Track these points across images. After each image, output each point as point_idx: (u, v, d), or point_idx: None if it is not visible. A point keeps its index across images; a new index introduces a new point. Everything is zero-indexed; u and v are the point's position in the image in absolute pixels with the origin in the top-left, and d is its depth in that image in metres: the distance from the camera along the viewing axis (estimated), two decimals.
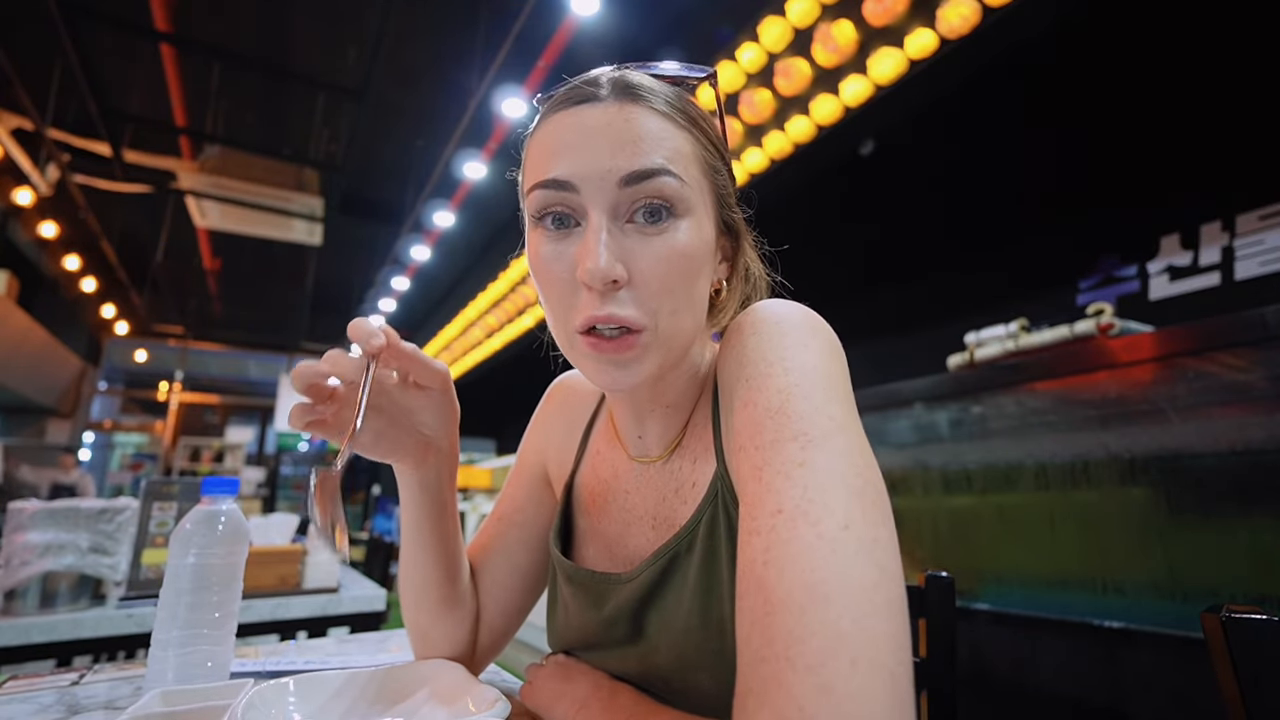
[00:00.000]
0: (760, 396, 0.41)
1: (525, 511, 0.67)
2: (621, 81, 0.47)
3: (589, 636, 0.55)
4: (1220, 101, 1.97)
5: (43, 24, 3.35)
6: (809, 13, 2.43)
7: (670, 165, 0.44)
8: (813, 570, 0.32)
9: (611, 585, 0.53)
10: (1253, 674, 0.44)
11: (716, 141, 0.51)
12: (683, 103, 0.49)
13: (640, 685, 0.51)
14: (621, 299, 0.44)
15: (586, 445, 0.65)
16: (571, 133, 0.45)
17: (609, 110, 0.45)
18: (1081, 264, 2.27)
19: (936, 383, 1.61)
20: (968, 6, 1.95)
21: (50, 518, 1.19)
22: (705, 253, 0.47)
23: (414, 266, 6.20)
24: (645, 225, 0.45)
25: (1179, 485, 1.18)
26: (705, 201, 0.48)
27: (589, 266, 0.42)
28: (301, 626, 1.46)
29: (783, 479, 0.36)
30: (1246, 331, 1.08)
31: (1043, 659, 1.29)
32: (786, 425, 0.38)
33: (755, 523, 0.36)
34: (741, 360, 0.44)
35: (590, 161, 0.44)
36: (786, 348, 0.42)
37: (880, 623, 0.30)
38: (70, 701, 0.59)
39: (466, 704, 0.48)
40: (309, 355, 10.47)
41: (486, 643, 0.64)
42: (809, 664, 0.29)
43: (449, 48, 4.13)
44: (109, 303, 8.07)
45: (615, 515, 0.58)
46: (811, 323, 0.45)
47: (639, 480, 0.57)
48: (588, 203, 0.44)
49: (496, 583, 0.65)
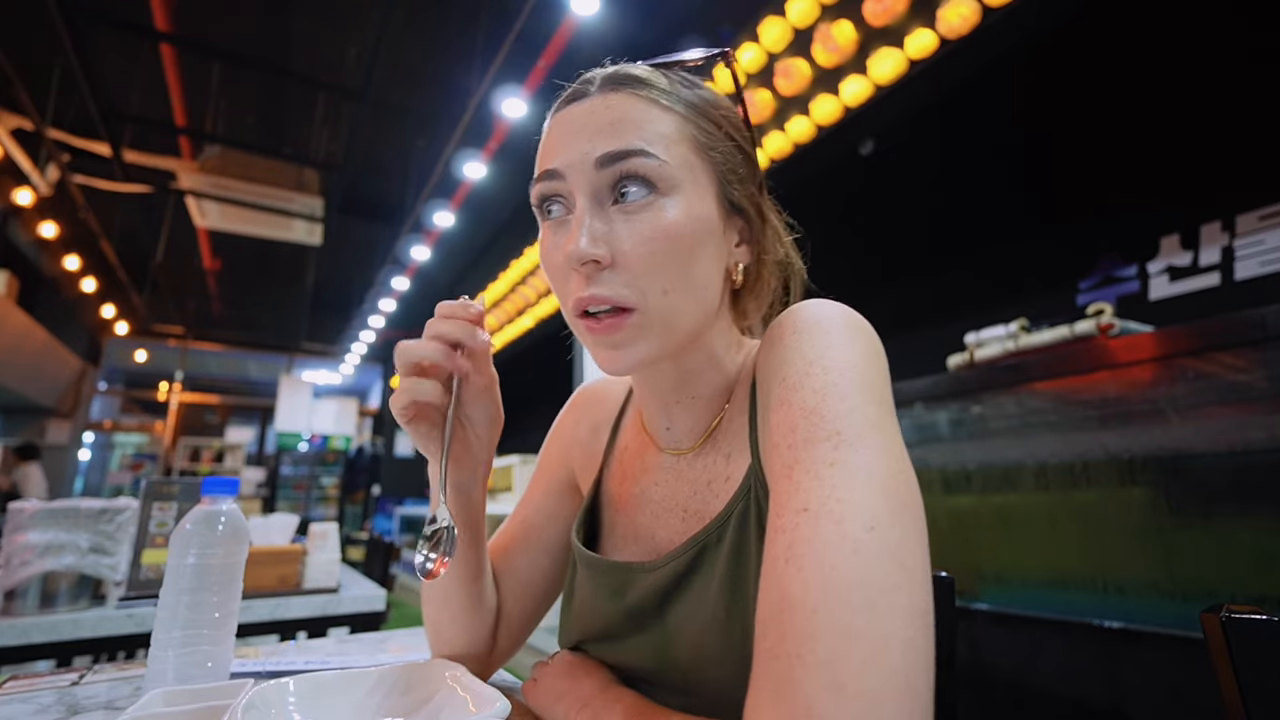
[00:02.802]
0: (796, 395, 0.41)
1: (547, 514, 0.67)
2: (610, 75, 0.49)
3: (609, 627, 0.54)
4: (1220, 102, 1.98)
5: (43, 24, 3.35)
6: (809, 13, 2.43)
7: (647, 146, 0.45)
8: (832, 568, 0.31)
9: (636, 574, 0.52)
10: (1253, 674, 0.44)
11: (721, 120, 0.50)
12: (676, 87, 0.49)
13: (656, 678, 0.51)
14: (606, 279, 0.45)
15: (614, 442, 0.64)
16: (561, 127, 0.48)
17: (594, 102, 0.47)
18: (1081, 264, 2.27)
19: (936, 383, 1.61)
20: (968, 6, 1.95)
21: (50, 518, 1.19)
22: (699, 231, 0.46)
23: (414, 266, 6.20)
24: (626, 204, 0.46)
25: (1179, 485, 1.18)
26: (698, 180, 0.47)
27: (568, 249, 0.44)
28: (301, 626, 1.46)
29: (812, 478, 0.36)
30: (1246, 331, 1.08)
31: (1043, 659, 1.29)
32: (820, 425, 0.38)
33: (781, 520, 0.36)
34: (781, 359, 0.44)
35: (573, 149, 0.46)
36: (826, 347, 0.42)
37: (898, 626, 0.30)
38: (70, 701, 0.59)
39: (466, 704, 0.48)
40: (309, 355, 10.38)
41: (505, 644, 0.64)
42: (820, 661, 0.29)
43: (449, 48, 4.13)
44: (109, 303, 8.06)
45: (645, 506, 0.57)
46: (853, 323, 0.44)
47: (669, 472, 0.56)
48: (574, 188, 0.46)
49: (519, 583, 0.65)
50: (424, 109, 4.72)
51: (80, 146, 4.75)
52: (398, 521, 7.67)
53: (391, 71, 4.15)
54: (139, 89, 4.46)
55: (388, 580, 1.87)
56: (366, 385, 12.96)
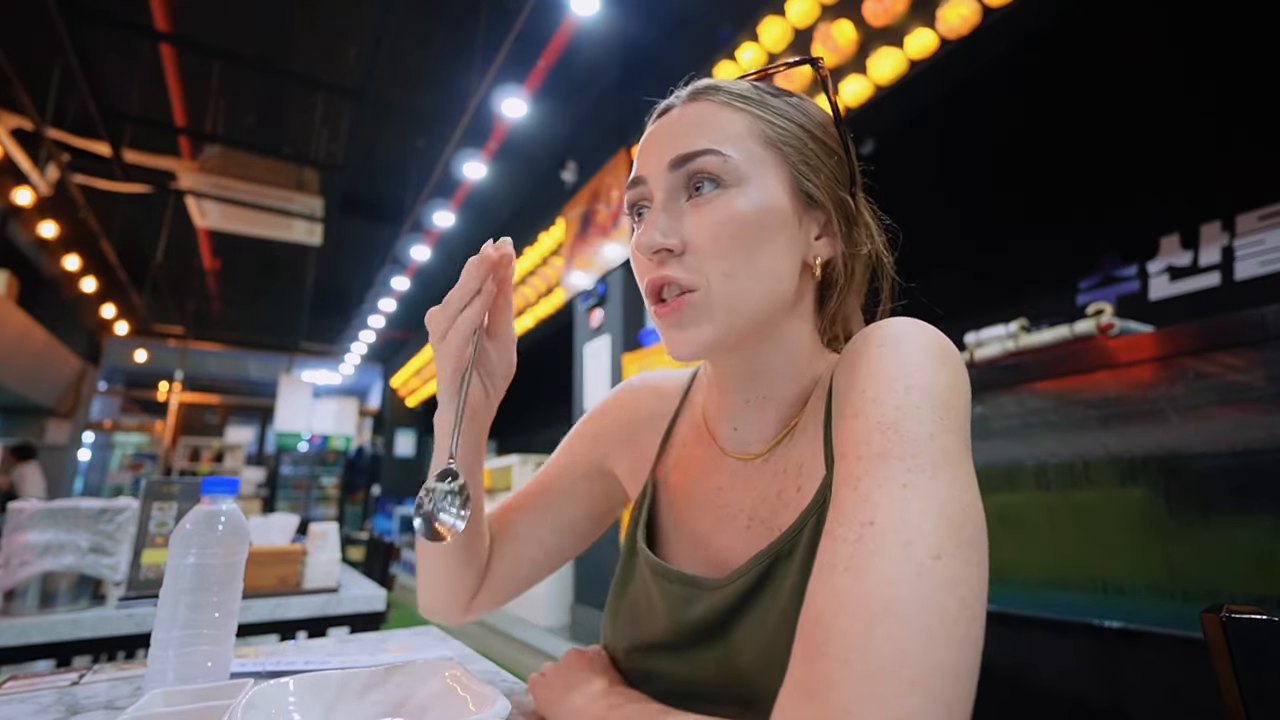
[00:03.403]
0: (874, 409, 0.40)
1: (568, 493, 0.67)
2: (692, 88, 0.53)
3: (669, 637, 0.53)
4: (1220, 101, 1.98)
5: (43, 24, 3.35)
6: (809, 13, 2.43)
7: (715, 145, 0.48)
8: (893, 586, 0.31)
9: (705, 589, 0.51)
10: (1253, 674, 0.44)
11: (796, 117, 0.52)
12: (753, 90, 0.52)
13: (715, 691, 0.49)
14: (674, 264, 0.48)
15: (670, 438, 0.63)
16: (648, 140, 0.52)
17: (674, 114, 0.52)
18: (1081, 264, 2.27)
19: None
20: (968, 6, 1.95)
21: (50, 518, 1.19)
22: (766, 219, 0.48)
23: (414, 266, 6.20)
24: (698, 198, 0.49)
25: (1179, 485, 1.18)
26: (767, 172, 0.49)
27: (639, 240, 0.48)
28: (301, 626, 1.45)
29: (881, 493, 0.35)
30: (1246, 331, 1.08)
31: (1043, 659, 1.28)
32: (897, 444, 0.37)
33: (843, 529, 0.35)
34: (863, 370, 0.43)
35: (653, 157, 0.51)
36: (913, 366, 0.41)
37: (951, 656, 0.30)
38: (70, 701, 0.59)
39: (466, 704, 0.48)
40: (309, 355, 10.38)
41: (483, 600, 0.66)
42: (866, 672, 0.29)
43: (449, 48, 4.13)
44: (109, 303, 8.07)
45: (707, 511, 0.55)
46: (943, 347, 0.43)
47: (735, 477, 0.54)
48: (654, 189, 0.50)
49: (514, 547, 0.66)
50: (424, 109, 4.72)
51: (80, 146, 4.74)
52: (398, 521, 7.68)
53: (391, 71, 4.15)
54: (139, 89, 4.46)
55: (388, 580, 1.87)
56: (366, 385, 12.96)
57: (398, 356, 10.22)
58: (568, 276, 4.43)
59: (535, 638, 3.83)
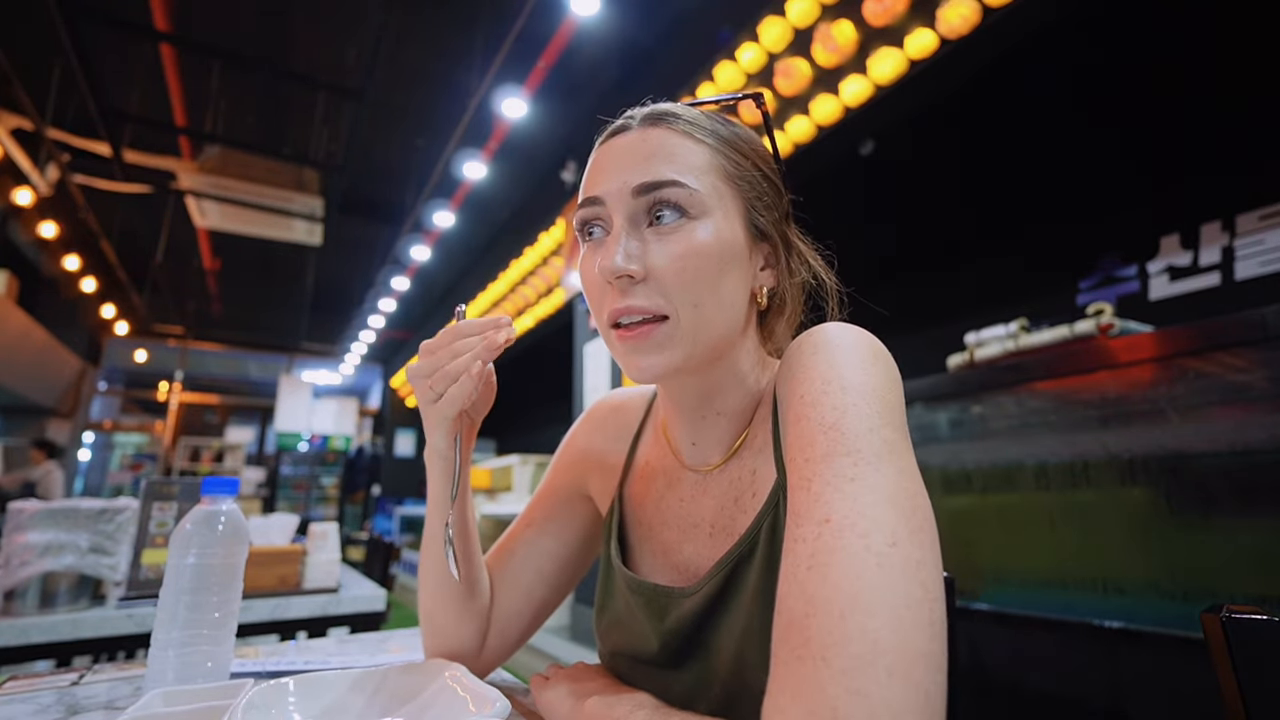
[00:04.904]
0: (814, 412, 0.42)
1: (557, 521, 0.68)
2: (649, 112, 0.53)
3: (648, 645, 0.55)
4: (1221, 101, 1.98)
5: (43, 24, 3.35)
6: (809, 13, 2.43)
7: (679, 176, 0.49)
8: (858, 578, 0.32)
9: (675, 599, 0.53)
10: (1253, 674, 0.44)
11: (750, 154, 0.54)
12: (710, 122, 0.53)
13: (701, 690, 0.52)
14: (639, 291, 0.48)
15: (634, 455, 0.65)
16: (605, 158, 0.52)
17: (633, 136, 0.51)
18: (1081, 264, 2.27)
19: (936, 383, 1.61)
20: (968, 6, 1.95)
21: (50, 518, 1.19)
22: (728, 253, 0.49)
23: (414, 266, 6.20)
24: (660, 226, 0.49)
25: (1179, 485, 1.18)
26: (727, 207, 0.50)
27: (603, 264, 0.48)
28: (301, 626, 1.45)
29: (833, 491, 0.37)
30: (1246, 331, 1.08)
31: (1043, 659, 1.29)
32: (840, 441, 0.40)
33: (801, 530, 0.37)
34: (800, 376, 0.45)
35: (613, 178, 0.50)
36: (845, 367, 0.44)
37: (920, 640, 0.31)
38: (70, 702, 0.59)
39: (466, 704, 0.48)
40: (309, 355, 10.37)
41: (496, 643, 0.65)
42: (844, 667, 0.30)
43: (449, 48, 4.13)
44: (109, 303, 8.06)
45: (671, 523, 0.58)
46: (872, 347, 0.46)
47: (696, 488, 0.57)
48: (613, 212, 0.50)
49: (518, 584, 0.66)
50: (424, 109, 4.72)
51: (80, 146, 4.74)
52: (398, 521, 7.67)
53: (391, 71, 4.15)
54: (139, 89, 4.45)
55: (388, 580, 1.87)
56: (366, 385, 12.96)
57: (398, 356, 10.22)
58: (568, 276, 4.43)
59: (535, 638, 3.82)
